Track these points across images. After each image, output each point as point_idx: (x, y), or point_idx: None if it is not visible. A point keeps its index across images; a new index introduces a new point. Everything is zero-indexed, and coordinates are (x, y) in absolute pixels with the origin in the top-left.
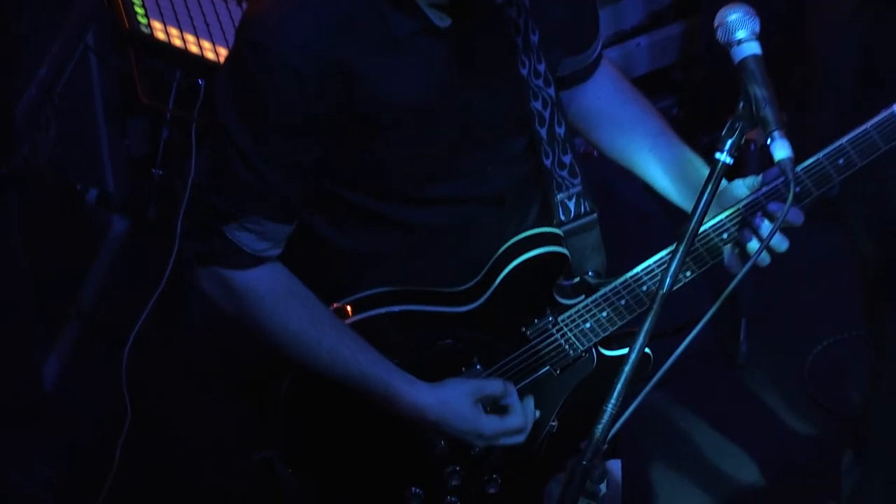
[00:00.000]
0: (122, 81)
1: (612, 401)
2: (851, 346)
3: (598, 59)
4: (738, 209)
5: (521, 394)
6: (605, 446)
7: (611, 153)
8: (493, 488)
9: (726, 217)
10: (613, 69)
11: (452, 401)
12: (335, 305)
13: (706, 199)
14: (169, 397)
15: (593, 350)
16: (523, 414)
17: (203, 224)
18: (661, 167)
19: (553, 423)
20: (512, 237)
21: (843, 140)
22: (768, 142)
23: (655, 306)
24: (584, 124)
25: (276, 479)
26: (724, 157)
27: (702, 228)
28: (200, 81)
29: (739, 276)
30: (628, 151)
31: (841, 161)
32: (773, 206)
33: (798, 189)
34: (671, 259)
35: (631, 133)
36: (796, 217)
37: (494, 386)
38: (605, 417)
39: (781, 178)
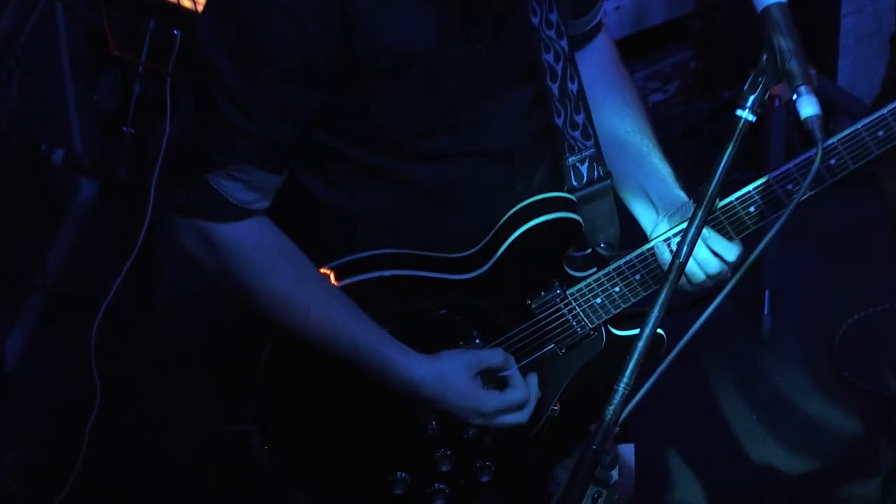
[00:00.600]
0: (91, 32)
1: (625, 380)
2: (885, 319)
3: (596, 30)
4: (767, 180)
5: (524, 372)
6: (617, 429)
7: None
8: (485, 476)
9: (753, 188)
10: (610, 49)
11: (449, 374)
12: (325, 269)
13: (726, 160)
14: (142, 375)
15: (603, 329)
16: (525, 388)
17: (186, 171)
18: (619, 168)
19: (554, 408)
20: (520, 200)
21: (885, 110)
22: (794, 97)
23: (672, 276)
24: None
25: (250, 456)
26: (745, 113)
27: (727, 199)
28: (176, 32)
29: (764, 242)
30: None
31: (881, 133)
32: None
33: (833, 161)
34: (688, 226)
35: (604, 122)
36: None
37: (494, 357)
38: (617, 398)
39: (813, 151)
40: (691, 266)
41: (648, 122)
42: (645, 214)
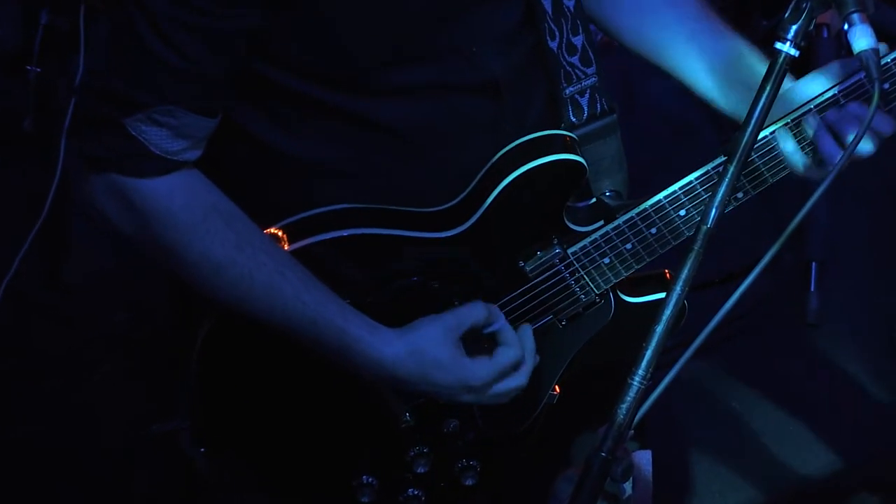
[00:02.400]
0: None
1: (640, 372)
2: None
3: None
4: (810, 108)
5: (514, 326)
6: (631, 433)
7: (636, 44)
8: (469, 479)
9: (792, 121)
10: None
11: (426, 346)
12: (272, 230)
13: (764, 103)
14: (54, 364)
15: (611, 295)
16: (518, 343)
17: (97, 117)
18: (703, 62)
19: (553, 393)
20: (510, 140)
21: None
22: (845, 27)
23: (698, 245)
24: (599, 3)
25: (183, 460)
26: (787, 47)
27: (765, 132)
28: None
29: (809, 203)
30: (659, 41)
31: None
32: (853, 108)
33: (887, 86)
34: (720, 179)
35: (663, 17)
36: (885, 125)
37: (474, 312)
38: (631, 394)
39: (861, 74)
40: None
41: (712, 7)
42: (741, 100)
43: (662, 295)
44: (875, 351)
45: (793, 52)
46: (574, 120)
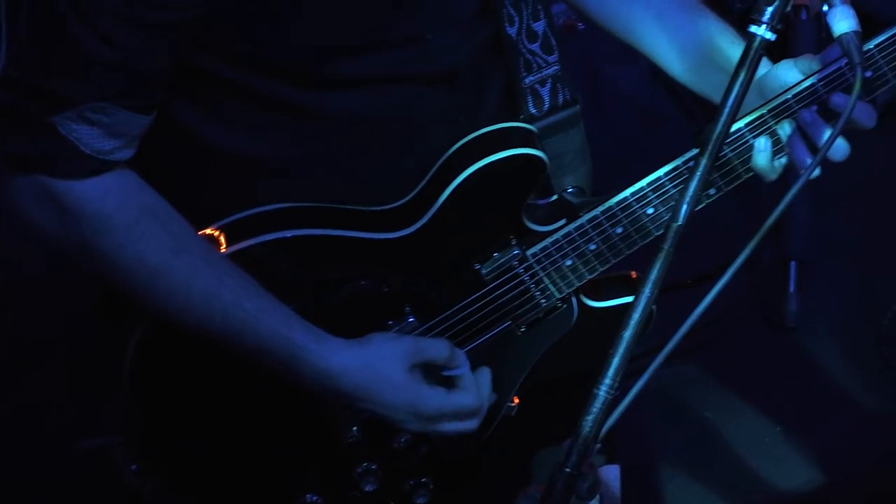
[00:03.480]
0: None
1: (607, 381)
2: None
3: None
4: (786, 100)
5: (474, 361)
6: (598, 446)
7: (603, 22)
8: (421, 498)
9: (768, 112)
10: None
11: (379, 364)
12: (208, 231)
13: (739, 89)
14: None
15: (573, 299)
16: (477, 391)
17: (21, 114)
18: (673, 43)
19: (511, 405)
20: (466, 134)
21: None
22: (824, 9)
23: (668, 244)
24: None
25: (114, 477)
26: (762, 30)
27: (734, 127)
28: None
29: (785, 200)
30: (628, 20)
31: None
32: (835, 99)
33: (869, 73)
34: (690, 174)
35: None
36: (866, 116)
37: (437, 348)
38: (597, 405)
39: (845, 60)
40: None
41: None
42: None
43: (629, 298)
44: (857, 355)
45: (769, 35)
46: (534, 111)
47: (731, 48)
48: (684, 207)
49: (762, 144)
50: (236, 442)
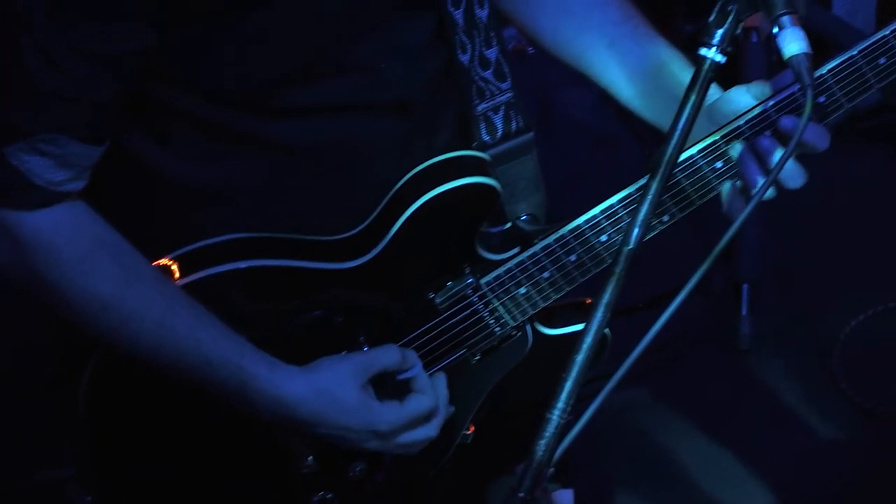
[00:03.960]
0: None
1: (560, 405)
2: None
3: None
4: (738, 126)
5: (428, 373)
6: (551, 471)
7: (554, 48)
8: None
9: (721, 138)
10: None
11: (332, 387)
12: (161, 262)
13: (689, 113)
14: None
15: (528, 327)
16: (432, 392)
17: None
18: (624, 69)
19: (467, 433)
20: (419, 162)
21: (887, 30)
22: (774, 31)
23: (619, 268)
24: (515, 4)
25: None
26: (712, 53)
27: (685, 154)
28: None
29: (738, 222)
30: (579, 46)
31: (882, 61)
32: (786, 122)
33: (822, 99)
34: (641, 197)
35: (583, 20)
36: (818, 137)
37: (387, 356)
38: (550, 429)
39: (797, 85)
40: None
41: (639, 11)
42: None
43: (583, 326)
44: (811, 378)
45: (719, 58)
46: (487, 139)
47: (681, 74)
48: (636, 231)
49: (727, 187)
50: (192, 473)
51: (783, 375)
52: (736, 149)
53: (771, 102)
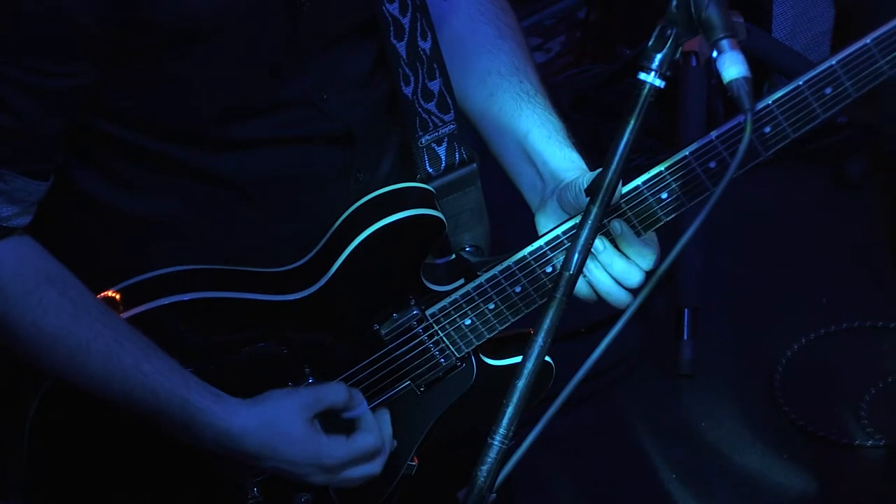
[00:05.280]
0: None
1: (501, 430)
2: (840, 345)
3: None
4: (685, 156)
5: (374, 411)
6: (493, 496)
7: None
8: None
9: (666, 169)
10: None
11: (278, 420)
12: (106, 294)
13: (627, 139)
14: None
15: (473, 358)
16: (378, 430)
17: None
18: (495, 123)
19: (411, 464)
20: (363, 194)
21: (833, 60)
22: (714, 55)
23: (560, 293)
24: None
25: None
26: (651, 77)
27: (633, 183)
28: None
29: (679, 246)
30: (462, 89)
31: (828, 91)
32: (616, 227)
33: (768, 129)
34: (581, 224)
35: (471, 64)
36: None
37: (335, 393)
38: (492, 454)
39: (741, 118)
40: (596, 275)
41: (532, 63)
42: (529, 186)
43: None
44: (753, 403)
45: (658, 82)
46: (431, 171)
47: (536, 150)
48: (576, 256)
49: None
50: (138, 503)
51: (725, 400)
52: (615, 229)
53: (716, 133)
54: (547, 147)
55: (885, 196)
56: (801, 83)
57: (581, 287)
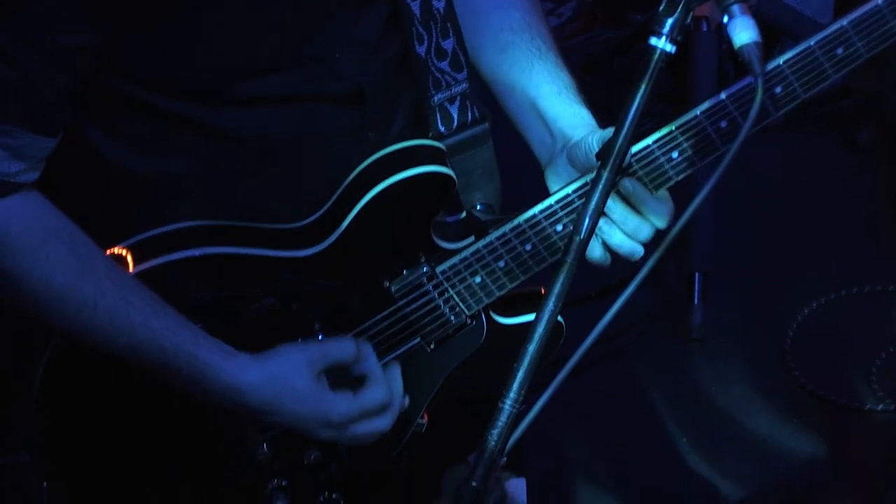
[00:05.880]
0: None
1: (512, 395)
2: (851, 308)
3: None
4: (696, 116)
5: (384, 368)
6: (504, 460)
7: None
8: None
9: (677, 128)
10: None
11: (286, 375)
12: (114, 251)
13: (638, 104)
14: None
15: (483, 316)
16: (386, 384)
17: None
18: (508, 78)
19: (421, 421)
20: (374, 151)
21: (844, 21)
22: (725, 20)
23: (571, 257)
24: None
25: (23, 494)
26: (662, 43)
27: (643, 142)
28: None
29: (690, 209)
30: (474, 46)
31: (840, 51)
32: (626, 185)
33: (779, 89)
34: (592, 188)
35: (484, 20)
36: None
37: (343, 348)
38: (503, 418)
39: (750, 79)
40: (608, 232)
41: (544, 21)
42: (539, 142)
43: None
44: (763, 367)
45: (669, 48)
46: (443, 129)
47: (546, 107)
48: (587, 220)
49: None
50: (146, 459)
51: (735, 364)
52: (626, 187)
53: (727, 93)
54: (557, 104)
55: (888, 167)
56: (812, 44)
57: (594, 250)
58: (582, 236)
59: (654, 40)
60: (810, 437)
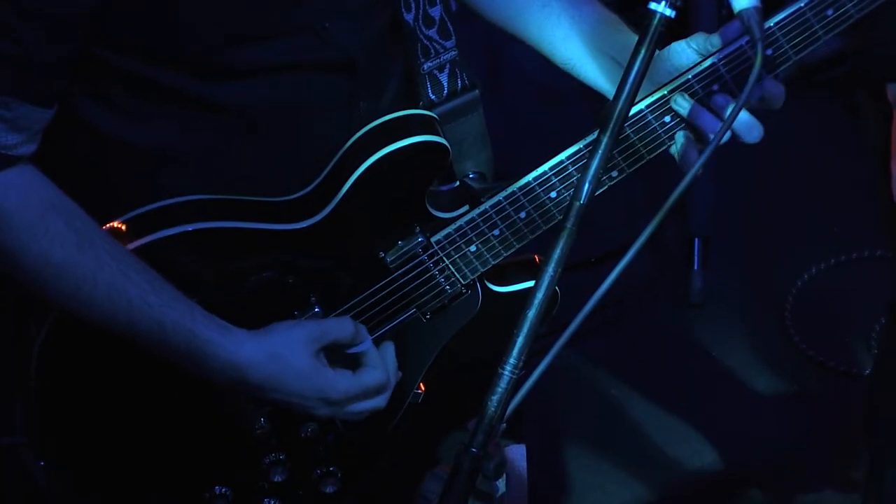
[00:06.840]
0: None
1: (512, 360)
2: (851, 274)
3: None
4: (687, 80)
5: (378, 343)
6: (504, 426)
7: (490, 11)
8: (330, 487)
9: (669, 93)
10: None
11: (284, 353)
12: (112, 225)
13: (639, 68)
14: None
15: (478, 285)
16: (383, 366)
17: None
18: (559, 30)
19: (417, 392)
20: (366, 122)
21: None
22: None
23: (570, 222)
24: None
25: (22, 475)
26: (662, 7)
27: (635, 108)
28: None
29: (689, 176)
30: (514, 6)
31: (830, 12)
32: (719, 99)
33: (770, 51)
34: (592, 152)
35: None
36: (775, 92)
37: (341, 328)
38: (502, 384)
39: (746, 38)
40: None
41: None
42: (607, 72)
43: (533, 282)
44: (763, 333)
45: (668, 12)
46: (433, 97)
47: (617, 35)
48: (586, 186)
49: (681, 140)
50: (144, 435)
51: (735, 329)
52: (681, 104)
53: (718, 56)
54: (620, 34)
55: (875, 127)
56: (802, 5)
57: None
58: (582, 201)
59: (654, 5)
60: (810, 401)
